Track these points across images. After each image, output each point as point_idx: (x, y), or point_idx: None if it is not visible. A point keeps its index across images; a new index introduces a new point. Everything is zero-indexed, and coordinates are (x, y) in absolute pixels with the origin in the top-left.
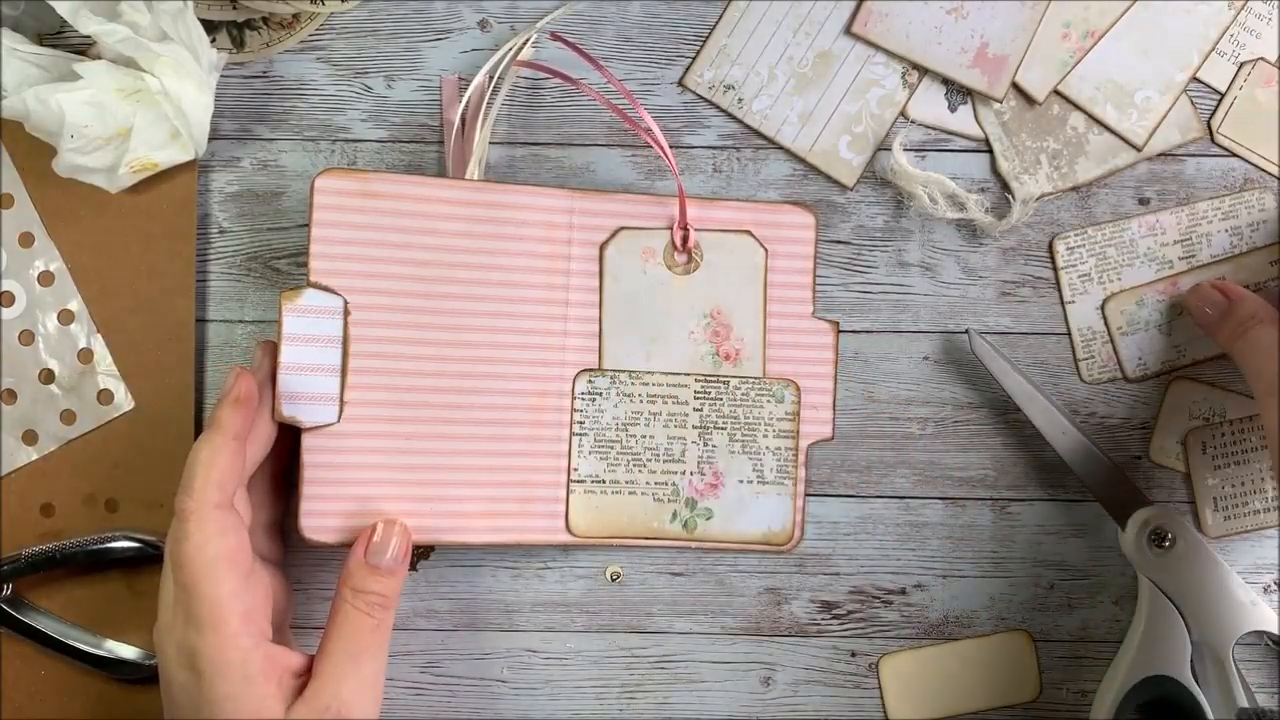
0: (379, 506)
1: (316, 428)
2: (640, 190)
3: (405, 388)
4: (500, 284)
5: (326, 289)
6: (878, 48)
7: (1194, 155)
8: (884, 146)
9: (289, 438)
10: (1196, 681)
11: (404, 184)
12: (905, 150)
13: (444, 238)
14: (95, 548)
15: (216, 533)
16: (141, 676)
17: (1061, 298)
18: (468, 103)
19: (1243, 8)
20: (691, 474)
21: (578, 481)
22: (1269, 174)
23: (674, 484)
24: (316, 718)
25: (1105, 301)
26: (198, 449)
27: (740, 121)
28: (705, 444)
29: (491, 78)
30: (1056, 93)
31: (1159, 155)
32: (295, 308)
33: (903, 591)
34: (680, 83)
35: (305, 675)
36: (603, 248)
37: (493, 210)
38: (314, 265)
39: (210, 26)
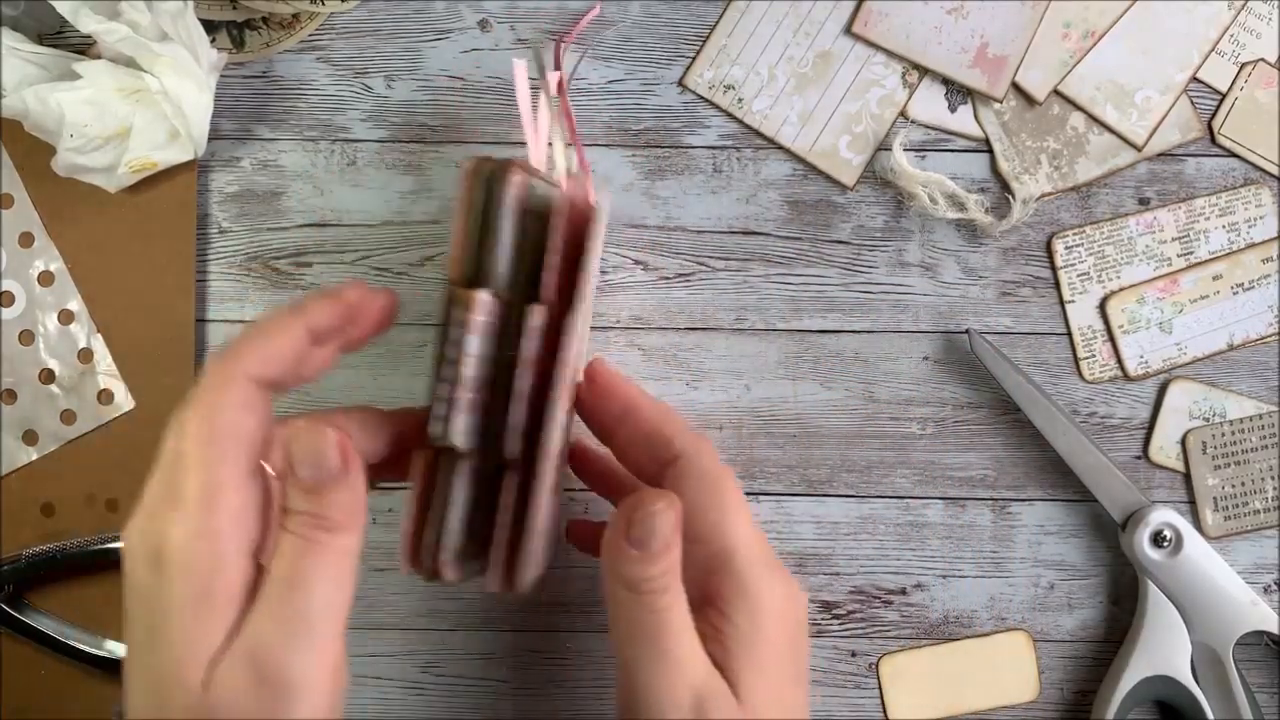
0: None
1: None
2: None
3: None
4: None
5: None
6: (878, 48)
7: (1194, 155)
8: (884, 146)
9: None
10: (1196, 681)
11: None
12: (905, 150)
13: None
14: (95, 548)
15: (239, 403)
16: None
17: (1061, 297)
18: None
19: (1243, 8)
20: None
21: None
22: (1269, 174)
23: None
24: (238, 678)
25: (1105, 300)
26: (259, 318)
27: (740, 121)
28: None
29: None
30: (1056, 93)
31: (1159, 155)
32: (478, 309)
33: (903, 591)
34: (680, 83)
35: None
36: None
37: None
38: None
39: (210, 26)
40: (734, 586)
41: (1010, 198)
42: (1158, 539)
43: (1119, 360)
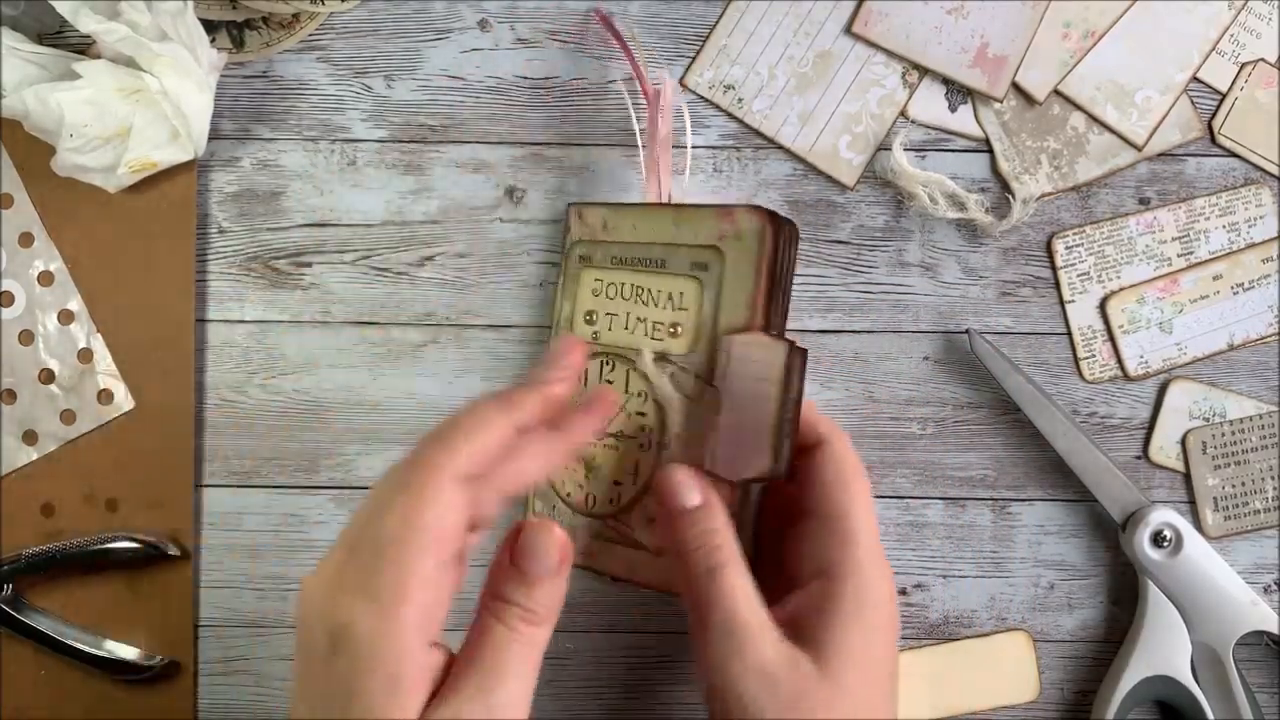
0: None
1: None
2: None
3: None
4: None
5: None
6: (878, 48)
7: (1194, 155)
8: (884, 146)
9: None
10: (1197, 681)
11: None
12: (905, 150)
13: None
14: (95, 548)
15: (445, 505)
16: (141, 677)
17: (1061, 297)
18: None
19: (1243, 8)
20: None
21: None
22: (1269, 174)
23: None
24: None
25: (1105, 300)
26: (472, 409)
27: (740, 121)
28: None
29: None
30: (1057, 93)
31: (1159, 155)
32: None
33: (903, 591)
34: (680, 83)
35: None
36: None
37: None
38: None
39: (210, 26)
40: (849, 567)
41: (1010, 198)
42: (1158, 539)
43: (1119, 360)
